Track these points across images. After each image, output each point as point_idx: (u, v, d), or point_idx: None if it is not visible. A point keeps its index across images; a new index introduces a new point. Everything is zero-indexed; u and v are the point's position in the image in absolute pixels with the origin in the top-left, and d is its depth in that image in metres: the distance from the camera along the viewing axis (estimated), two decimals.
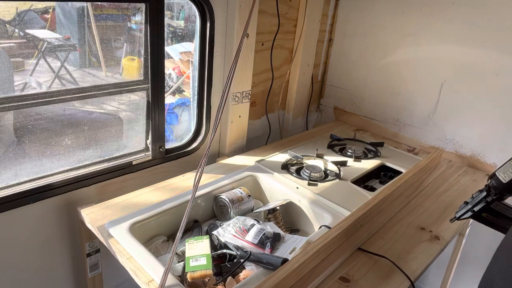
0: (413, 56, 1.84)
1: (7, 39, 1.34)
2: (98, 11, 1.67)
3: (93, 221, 1.17)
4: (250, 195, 1.34)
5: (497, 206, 0.97)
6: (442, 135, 1.82)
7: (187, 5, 1.56)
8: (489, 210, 0.98)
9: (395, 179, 1.50)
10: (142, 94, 1.44)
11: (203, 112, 1.64)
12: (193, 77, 1.62)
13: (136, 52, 1.73)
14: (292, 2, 1.82)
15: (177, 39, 2.63)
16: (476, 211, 0.99)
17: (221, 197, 1.31)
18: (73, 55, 1.92)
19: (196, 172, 0.93)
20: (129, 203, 1.26)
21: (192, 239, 1.10)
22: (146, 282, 0.96)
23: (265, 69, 1.85)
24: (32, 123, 1.24)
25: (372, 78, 2.02)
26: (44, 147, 1.29)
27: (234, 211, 1.29)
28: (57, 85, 1.78)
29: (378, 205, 1.22)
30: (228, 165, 1.56)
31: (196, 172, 0.93)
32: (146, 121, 1.48)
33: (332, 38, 2.14)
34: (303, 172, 1.49)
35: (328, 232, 1.07)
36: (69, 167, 1.34)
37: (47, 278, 1.37)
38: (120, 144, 1.50)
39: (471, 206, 1.00)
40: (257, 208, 1.35)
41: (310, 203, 1.33)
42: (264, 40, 1.77)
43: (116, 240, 1.09)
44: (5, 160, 1.22)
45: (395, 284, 1.02)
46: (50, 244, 1.33)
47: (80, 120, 1.37)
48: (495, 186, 0.94)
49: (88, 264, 1.34)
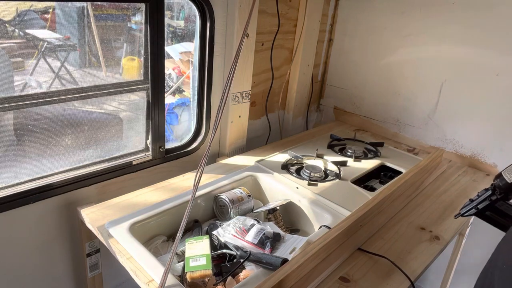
0: (413, 56, 1.84)
1: (7, 39, 1.34)
2: (98, 11, 1.67)
3: (93, 221, 1.17)
4: (250, 195, 1.34)
5: (502, 206, 0.99)
6: (442, 135, 1.82)
7: (187, 5, 1.56)
8: (493, 209, 1.00)
9: (395, 179, 1.50)
10: (142, 94, 1.44)
11: (203, 112, 1.64)
12: (193, 77, 1.62)
13: (136, 52, 1.73)
14: (292, 2, 1.82)
15: (177, 39, 2.63)
16: (480, 208, 1.01)
17: (221, 197, 1.31)
18: (73, 55, 1.92)
19: (196, 172, 0.93)
20: (129, 203, 1.26)
21: (192, 239, 1.10)
22: (146, 282, 0.96)
23: (265, 69, 1.85)
24: (32, 123, 1.24)
25: (372, 78, 2.02)
26: (44, 147, 1.29)
27: (234, 211, 1.29)
28: (57, 85, 1.78)
29: (378, 205, 1.23)
30: (228, 165, 1.56)
31: (196, 172, 0.93)
32: (146, 121, 1.48)
33: (332, 38, 2.14)
34: (303, 172, 1.49)
35: (328, 233, 1.07)
36: (69, 167, 1.34)
37: (47, 278, 1.37)
38: (120, 144, 1.50)
39: (476, 204, 1.02)
40: (257, 208, 1.35)
41: (310, 203, 1.33)
42: (264, 40, 1.77)
43: (116, 240, 1.09)
44: (5, 160, 1.22)
45: (395, 284, 1.02)
46: (50, 244, 1.33)
47: (80, 120, 1.37)
48: (500, 186, 0.96)
49: (88, 264, 1.34)
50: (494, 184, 0.98)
